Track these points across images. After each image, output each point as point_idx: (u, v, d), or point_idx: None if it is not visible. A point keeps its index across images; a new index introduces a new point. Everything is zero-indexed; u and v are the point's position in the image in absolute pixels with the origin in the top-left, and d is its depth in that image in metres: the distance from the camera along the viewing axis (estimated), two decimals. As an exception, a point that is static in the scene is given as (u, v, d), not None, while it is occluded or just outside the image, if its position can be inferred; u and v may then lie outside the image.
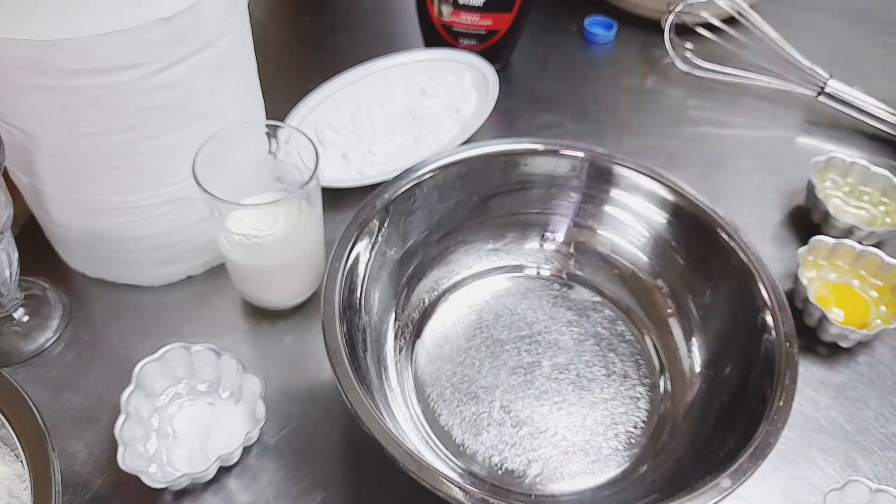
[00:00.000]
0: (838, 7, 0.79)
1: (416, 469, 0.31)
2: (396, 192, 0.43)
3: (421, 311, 0.46)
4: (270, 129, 0.42)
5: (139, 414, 0.38)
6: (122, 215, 0.42)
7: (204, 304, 0.46)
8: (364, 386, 0.34)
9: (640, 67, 0.69)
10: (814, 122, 0.64)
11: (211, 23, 0.38)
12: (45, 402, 0.40)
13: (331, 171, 0.54)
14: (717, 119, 0.64)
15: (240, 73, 0.43)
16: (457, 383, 0.42)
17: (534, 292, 0.47)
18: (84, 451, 0.39)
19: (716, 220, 0.42)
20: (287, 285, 0.45)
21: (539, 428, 0.40)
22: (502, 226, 0.48)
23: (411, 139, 0.56)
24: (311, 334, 0.45)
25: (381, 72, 0.60)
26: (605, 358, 0.44)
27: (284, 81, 0.61)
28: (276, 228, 0.40)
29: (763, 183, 0.58)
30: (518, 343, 0.44)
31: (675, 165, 0.58)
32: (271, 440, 0.40)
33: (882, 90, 0.62)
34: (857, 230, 0.50)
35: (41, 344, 0.43)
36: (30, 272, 0.45)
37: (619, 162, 0.46)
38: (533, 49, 0.69)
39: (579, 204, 0.48)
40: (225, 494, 0.38)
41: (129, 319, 0.45)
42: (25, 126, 0.38)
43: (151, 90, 0.37)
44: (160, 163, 0.40)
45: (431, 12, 0.62)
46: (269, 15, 0.74)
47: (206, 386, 0.41)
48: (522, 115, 0.62)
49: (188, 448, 0.38)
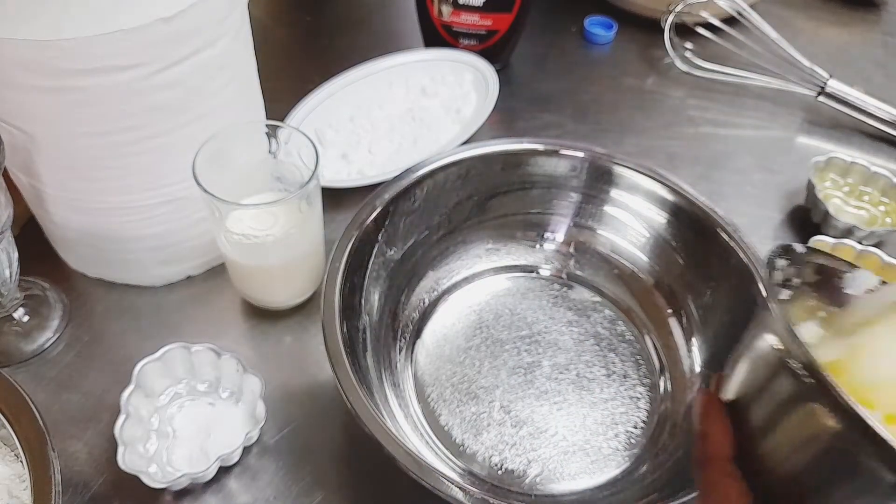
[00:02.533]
0: (838, 7, 0.80)
1: (416, 469, 0.31)
2: (396, 192, 0.43)
3: (421, 311, 0.46)
4: (270, 129, 0.42)
5: (139, 414, 0.38)
6: (123, 215, 0.42)
7: (204, 304, 0.46)
8: (364, 386, 0.35)
9: (640, 67, 0.69)
10: (814, 121, 0.64)
11: (211, 23, 0.38)
12: (46, 402, 0.40)
13: (331, 171, 0.54)
14: (717, 119, 0.64)
15: (240, 73, 0.43)
16: (457, 383, 0.42)
17: (534, 292, 0.47)
18: (84, 451, 0.39)
19: (716, 220, 0.42)
20: (287, 285, 0.45)
21: (539, 428, 0.40)
22: (502, 226, 0.48)
23: (411, 139, 0.56)
24: (311, 334, 0.45)
25: (381, 72, 0.60)
26: (605, 358, 0.44)
27: (284, 81, 0.61)
28: (276, 228, 0.40)
29: (763, 183, 0.58)
30: (518, 343, 0.44)
31: (675, 165, 0.58)
32: (271, 440, 0.40)
33: (882, 90, 0.63)
34: (857, 230, 0.50)
35: (41, 344, 0.43)
36: (30, 272, 0.45)
37: (618, 162, 0.46)
38: (533, 49, 0.69)
39: (579, 204, 0.48)
40: (225, 494, 0.38)
41: (129, 319, 0.45)
42: (25, 126, 0.38)
43: (151, 90, 0.37)
44: (160, 163, 0.40)
45: (431, 12, 0.62)
46: (269, 15, 0.74)
47: (206, 386, 0.41)
48: (522, 115, 0.62)
49: (188, 448, 0.38)
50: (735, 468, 0.23)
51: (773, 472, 0.22)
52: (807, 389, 0.20)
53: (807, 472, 0.21)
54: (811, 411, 0.20)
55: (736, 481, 0.22)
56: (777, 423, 0.22)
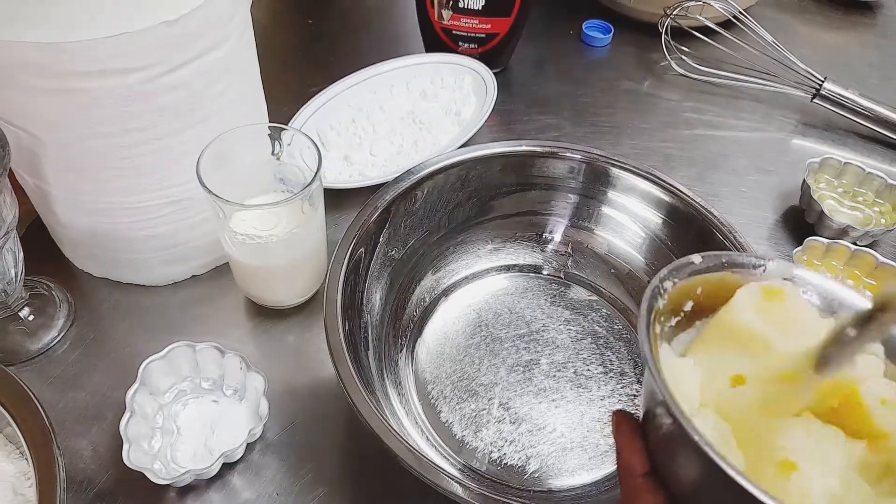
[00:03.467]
0: (833, 10, 0.80)
1: (416, 465, 0.32)
2: (397, 194, 0.43)
3: (422, 309, 0.46)
4: (273, 131, 0.43)
5: (144, 411, 0.39)
6: (127, 216, 0.43)
7: (208, 303, 0.47)
8: (365, 383, 0.35)
9: (637, 70, 0.70)
10: (809, 123, 0.65)
11: (214, 26, 0.38)
12: (51, 401, 0.41)
13: (333, 173, 0.54)
14: (713, 121, 0.65)
15: (243, 76, 0.44)
16: (457, 381, 0.43)
17: (532, 291, 0.48)
18: (89, 449, 0.39)
19: (711, 221, 0.43)
20: (290, 285, 0.45)
21: (537, 424, 0.41)
22: (501, 226, 0.49)
23: (412, 141, 0.56)
24: (313, 333, 0.45)
25: (382, 75, 0.61)
26: (603, 356, 0.44)
27: (287, 84, 0.61)
28: (279, 229, 0.41)
29: (758, 184, 0.58)
30: (517, 341, 0.45)
31: (672, 167, 0.59)
32: (274, 437, 0.40)
33: (877, 92, 0.63)
34: (851, 230, 0.51)
35: (46, 343, 0.44)
36: (35, 272, 0.45)
37: (616, 163, 0.46)
38: (531, 52, 0.70)
39: (577, 205, 0.48)
40: (228, 490, 0.38)
41: (133, 318, 0.46)
42: (31, 128, 0.38)
43: (156, 92, 0.37)
44: (165, 164, 0.41)
45: (432, 16, 0.63)
46: (271, 19, 0.75)
47: (211, 384, 0.41)
48: (521, 118, 0.63)
49: (192, 445, 0.39)
50: (650, 482, 0.23)
51: (674, 489, 0.23)
52: (675, 429, 0.21)
53: (696, 498, 0.22)
54: (681, 447, 0.21)
55: (651, 493, 0.23)
56: (666, 451, 0.23)
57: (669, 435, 0.22)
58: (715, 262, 0.25)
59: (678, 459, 0.22)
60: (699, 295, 0.25)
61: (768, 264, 0.25)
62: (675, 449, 0.22)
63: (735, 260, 0.26)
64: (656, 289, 0.24)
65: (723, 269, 0.25)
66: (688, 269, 0.25)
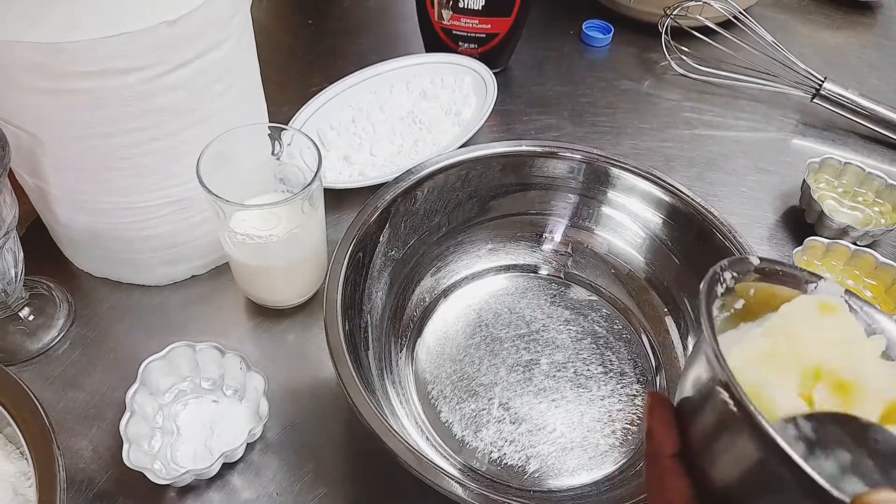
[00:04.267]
0: (833, 10, 0.80)
1: (416, 465, 0.32)
2: (397, 193, 0.43)
3: (422, 309, 0.46)
4: (273, 131, 0.43)
5: (144, 411, 0.39)
6: (127, 216, 0.43)
7: (208, 303, 0.47)
8: (365, 383, 0.35)
9: (637, 70, 0.70)
10: (808, 123, 0.65)
11: (214, 26, 0.38)
12: (51, 401, 0.41)
13: (333, 173, 0.54)
14: (713, 121, 0.65)
15: (243, 76, 0.44)
16: (457, 381, 0.43)
17: (532, 291, 0.48)
18: (89, 449, 0.39)
19: (711, 221, 0.43)
20: (290, 285, 0.45)
21: (537, 424, 0.41)
22: (501, 226, 0.49)
23: (412, 141, 0.57)
24: (313, 333, 0.45)
25: (382, 75, 0.61)
26: (603, 356, 0.44)
27: (287, 84, 0.61)
28: (279, 229, 0.41)
29: (758, 184, 0.58)
30: (517, 341, 0.45)
31: (672, 167, 0.59)
32: (274, 437, 0.40)
33: (877, 92, 0.63)
34: (851, 230, 0.51)
35: (46, 343, 0.44)
36: (35, 272, 0.45)
37: (616, 163, 0.46)
38: (531, 52, 0.70)
39: (577, 205, 0.48)
40: (228, 490, 0.38)
41: (133, 318, 0.46)
42: (31, 128, 0.38)
43: (156, 93, 0.37)
44: (165, 164, 0.41)
45: (432, 16, 0.63)
46: (271, 19, 0.75)
47: (211, 384, 0.41)
48: (521, 118, 0.63)
49: (192, 445, 0.39)
50: (678, 465, 0.23)
51: (709, 477, 0.23)
52: (734, 416, 0.21)
53: (737, 484, 0.22)
54: (738, 436, 0.21)
55: (679, 478, 0.23)
56: (710, 437, 0.23)
57: (722, 421, 0.21)
58: (770, 268, 0.26)
59: (727, 447, 0.22)
60: (751, 297, 0.26)
61: (820, 283, 0.26)
62: (726, 435, 0.22)
63: (790, 271, 0.26)
64: (716, 275, 0.25)
65: (777, 276, 0.26)
66: (747, 267, 0.26)
